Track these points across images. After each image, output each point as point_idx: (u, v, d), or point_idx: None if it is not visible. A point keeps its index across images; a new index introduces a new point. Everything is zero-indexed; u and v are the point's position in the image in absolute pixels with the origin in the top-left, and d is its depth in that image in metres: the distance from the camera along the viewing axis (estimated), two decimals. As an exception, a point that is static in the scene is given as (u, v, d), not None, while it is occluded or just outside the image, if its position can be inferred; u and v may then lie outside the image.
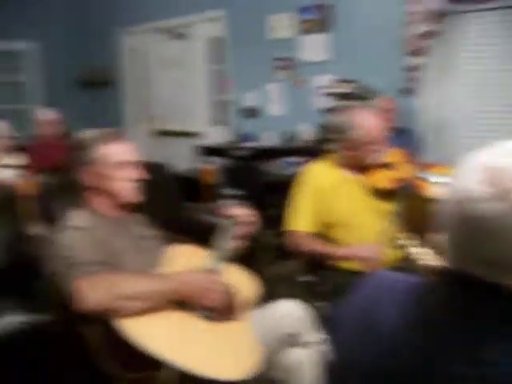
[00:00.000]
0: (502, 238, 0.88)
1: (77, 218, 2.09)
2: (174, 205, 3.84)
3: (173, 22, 6.78)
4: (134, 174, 2.16)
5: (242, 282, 2.17)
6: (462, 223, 0.93)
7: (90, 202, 2.16)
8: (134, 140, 2.32)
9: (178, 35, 6.90)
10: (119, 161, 2.12)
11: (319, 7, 5.38)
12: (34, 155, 5.46)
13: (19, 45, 7.78)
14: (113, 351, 1.85)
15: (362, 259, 2.48)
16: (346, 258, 2.59)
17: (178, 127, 7.02)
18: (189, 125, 6.87)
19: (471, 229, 0.91)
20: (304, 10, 5.51)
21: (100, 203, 2.15)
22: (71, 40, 8.11)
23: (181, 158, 6.44)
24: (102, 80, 7.79)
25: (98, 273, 1.84)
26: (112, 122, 7.69)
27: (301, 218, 2.73)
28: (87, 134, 2.21)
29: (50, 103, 6.89)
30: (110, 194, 2.14)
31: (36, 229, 4.02)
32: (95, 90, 8.00)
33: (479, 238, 0.90)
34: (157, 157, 6.83)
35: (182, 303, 1.92)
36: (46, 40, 7.85)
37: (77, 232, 1.99)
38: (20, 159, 5.48)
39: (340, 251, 2.61)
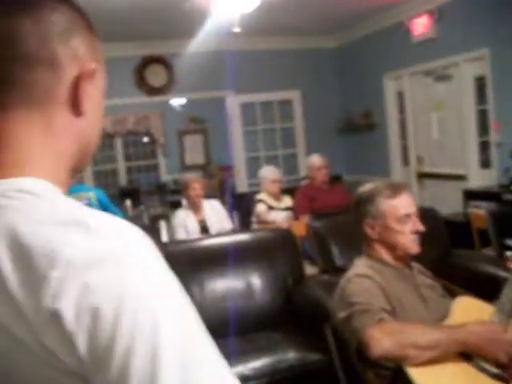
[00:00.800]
0: None
1: (363, 266, 2.22)
2: (444, 251, 3.81)
3: (437, 63, 6.77)
4: (417, 226, 2.23)
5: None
6: None
7: (373, 252, 2.28)
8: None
9: (443, 76, 6.86)
10: (405, 214, 2.21)
11: None
12: (303, 198, 5.82)
13: (290, 94, 8.41)
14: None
15: None
16: None
17: (445, 169, 6.92)
18: (456, 167, 6.74)
19: None
20: None
21: (383, 253, 2.26)
22: (337, 86, 8.53)
23: (447, 202, 6.34)
24: (367, 124, 8.03)
25: (387, 320, 1.93)
26: (377, 166, 7.87)
27: None
28: (370, 186, 2.34)
29: (316, 148, 7.30)
30: (393, 246, 2.23)
31: (310, 270, 4.28)
32: (360, 133, 8.27)
33: None
34: (422, 200, 6.81)
35: (467, 355, 1.92)
36: (309, 87, 8.37)
37: (365, 279, 2.11)
38: (290, 202, 5.89)
39: None
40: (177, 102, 9.53)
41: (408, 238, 2.21)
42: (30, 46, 0.76)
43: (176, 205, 6.48)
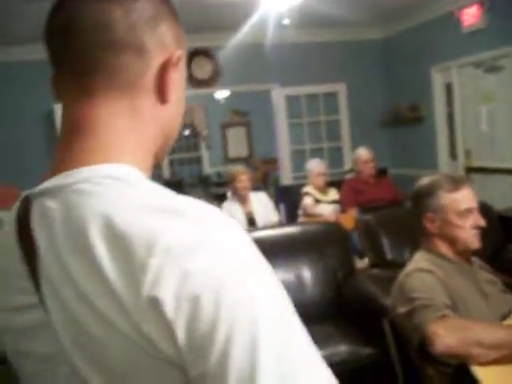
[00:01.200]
0: None
1: (423, 260, 2.18)
2: (499, 246, 3.74)
3: (487, 54, 6.62)
4: (478, 221, 2.18)
5: None
6: None
7: (433, 246, 2.24)
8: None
9: (493, 68, 6.71)
10: (466, 208, 2.16)
11: None
12: (349, 191, 5.78)
13: (336, 86, 8.35)
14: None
15: None
16: None
17: (494, 163, 6.78)
18: (506, 161, 6.60)
19: None
20: None
21: (444, 248, 2.21)
22: (382, 78, 8.43)
23: (496, 196, 6.21)
24: (414, 116, 7.91)
25: (450, 317, 1.89)
26: (423, 159, 7.76)
27: None
28: (430, 179, 2.30)
29: (361, 141, 7.23)
30: (453, 240, 2.19)
31: (360, 263, 4.25)
32: (406, 126, 8.16)
33: None
34: (477, 196, 6.68)
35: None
36: (355, 79, 8.29)
37: (426, 274, 2.07)
38: (336, 195, 5.86)
39: None
40: (221, 94, 9.57)
41: (469, 232, 2.17)
42: (118, 32, 0.77)
43: (220, 197, 6.50)
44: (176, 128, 0.89)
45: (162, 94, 0.81)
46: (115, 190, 0.71)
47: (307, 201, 5.65)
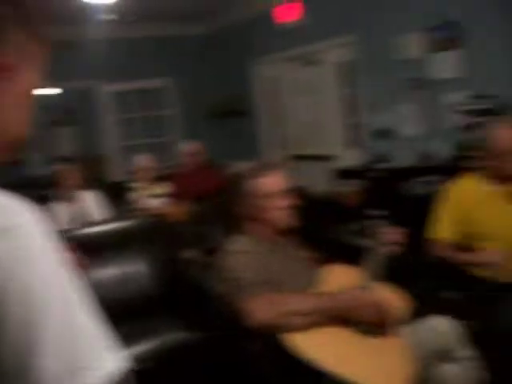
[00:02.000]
0: None
1: (238, 243, 2.30)
2: (319, 228, 4.00)
3: (304, 49, 7.00)
4: (286, 202, 2.35)
5: (393, 299, 2.28)
6: None
7: (247, 229, 2.37)
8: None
9: (311, 62, 7.12)
10: (271, 191, 2.32)
11: (449, 25, 5.36)
12: (178, 184, 5.85)
13: (164, 81, 8.38)
14: (278, 365, 2.03)
15: (483, 264, 2.57)
16: (469, 264, 2.70)
17: (313, 151, 7.20)
18: (323, 148, 7.04)
19: None
20: (433, 29, 5.51)
21: (257, 230, 2.36)
22: (204, 73, 8.58)
23: (317, 182, 6.61)
24: (238, 109, 8.16)
25: (263, 292, 2.03)
26: (248, 150, 8.02)
27: (441, 227, 2.87)
28: (241, 166, 2.44)
29: (189, 134, 7.33)
30: (265, 222, 2.34)
31: (189, 253, 4.33)
32: (231, 119, 8.39)
33: None
34: (294, 181, 7.04)
35: (338, 319, 2.07)
36: (181, 75, 8.39)
37: (240, 255, 2.20)
38: (165, 188, 5.90)
39: (462, 256, 2.73)
40: (46, 92, 9.17)
41: (276, 213, 2.32)
42: None
43: (46, 198, 6.26)
44: (13, 131, 0.85)
45: None
46: None
47: (136, 195, 5.65)
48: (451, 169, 3.88)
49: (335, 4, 6.48)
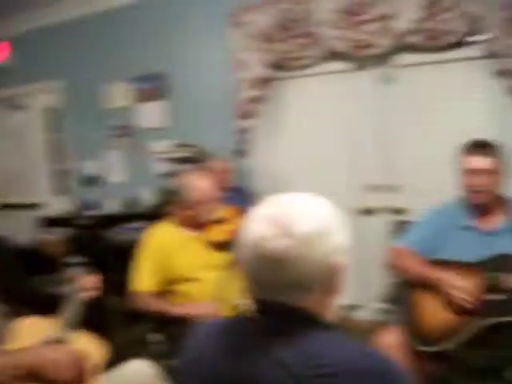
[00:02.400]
0: (289, 266, 1.11)
1: None
2: (16, 278, 3.75)
3: (10, 92, 6.70)
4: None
5: (91, 348, 2.22)
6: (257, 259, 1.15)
7: None
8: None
9: (18, 106, 6.81)
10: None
11: (154, 76, 5.59)
12: None
13: None
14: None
15: (197, 317, 2.66)
16: (183, 316, 2.76)
17: (18, 199, 6.83)
18: (29, 196, 6.73)
19: (265, 262, 1.13)
20: (139, 79, 5.69)
21: None
22: None
23: (22, 231, 6.27)
24: None
25: None
26: None
27: (143, 278, 2.90)
28: None
29: None
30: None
31: None
32: None
33: (273, 269, 1.13)
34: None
35: (33, 377, 1.93)
36: None
37: None
38: None
39: (176, 309, 2.79)
40: None
41: None
42: None
43: None
44: None
45: None
46: None
47: None
48: (154, 215, 3.99)
49: (44, 48, 6.35)
